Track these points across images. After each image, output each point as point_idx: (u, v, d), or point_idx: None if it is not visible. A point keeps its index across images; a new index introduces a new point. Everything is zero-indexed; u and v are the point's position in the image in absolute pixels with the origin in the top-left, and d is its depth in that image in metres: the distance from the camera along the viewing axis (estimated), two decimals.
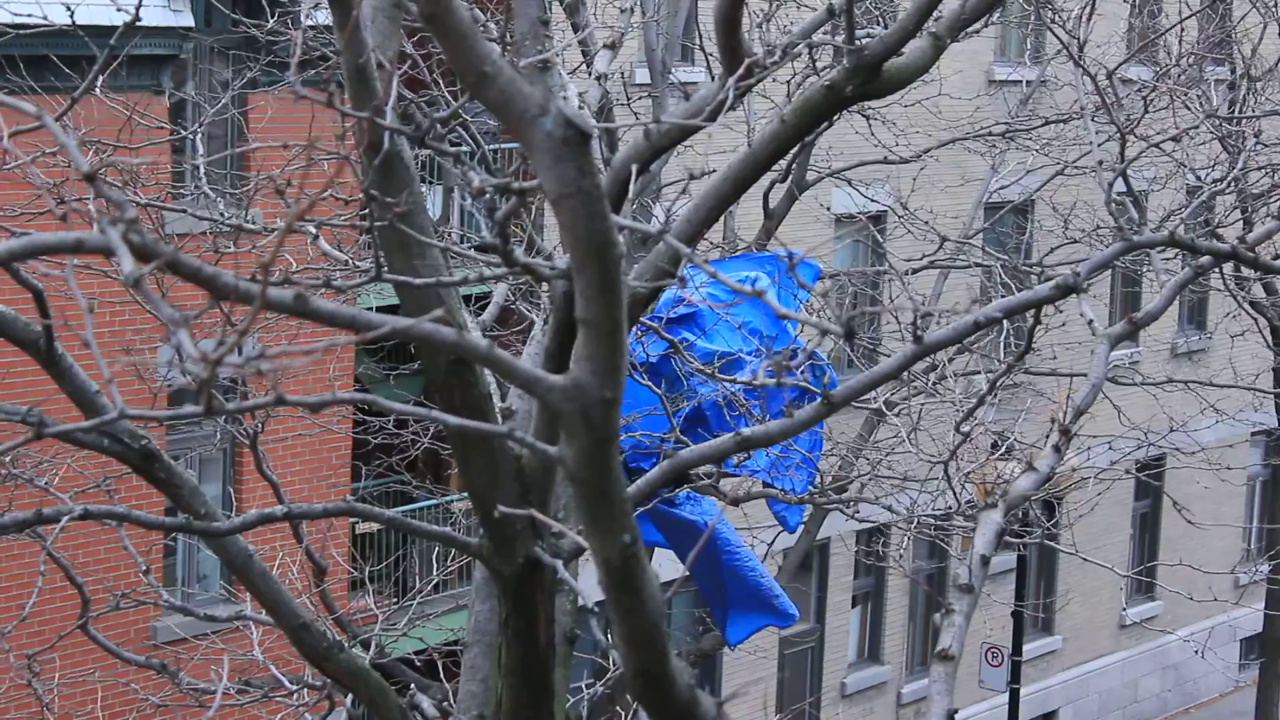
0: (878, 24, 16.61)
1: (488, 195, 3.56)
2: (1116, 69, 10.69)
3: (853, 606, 26.79)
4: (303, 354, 2.50)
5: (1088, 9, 12.74)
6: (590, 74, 11.46)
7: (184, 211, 9.55)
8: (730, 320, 11.69)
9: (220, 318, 3.09)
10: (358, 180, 5.67)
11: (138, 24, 7.94)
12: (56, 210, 2.82)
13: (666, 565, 19.41)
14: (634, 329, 10.14)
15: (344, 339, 2.96)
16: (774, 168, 8.00)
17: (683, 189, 4.75)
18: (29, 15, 11.69)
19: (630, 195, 5.62)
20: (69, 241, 2.60)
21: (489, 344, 3.19)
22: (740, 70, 5.62)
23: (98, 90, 9.20)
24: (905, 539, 19.17)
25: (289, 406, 2.88)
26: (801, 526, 14.56)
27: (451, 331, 3.01)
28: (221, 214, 10.00)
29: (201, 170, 10.06)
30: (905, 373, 8.37)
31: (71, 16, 8.94)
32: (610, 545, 3.74)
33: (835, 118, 7.19)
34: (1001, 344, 18.73)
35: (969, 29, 13.30)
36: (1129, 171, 8.84)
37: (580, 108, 7.79)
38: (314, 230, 7.33)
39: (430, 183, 20.16)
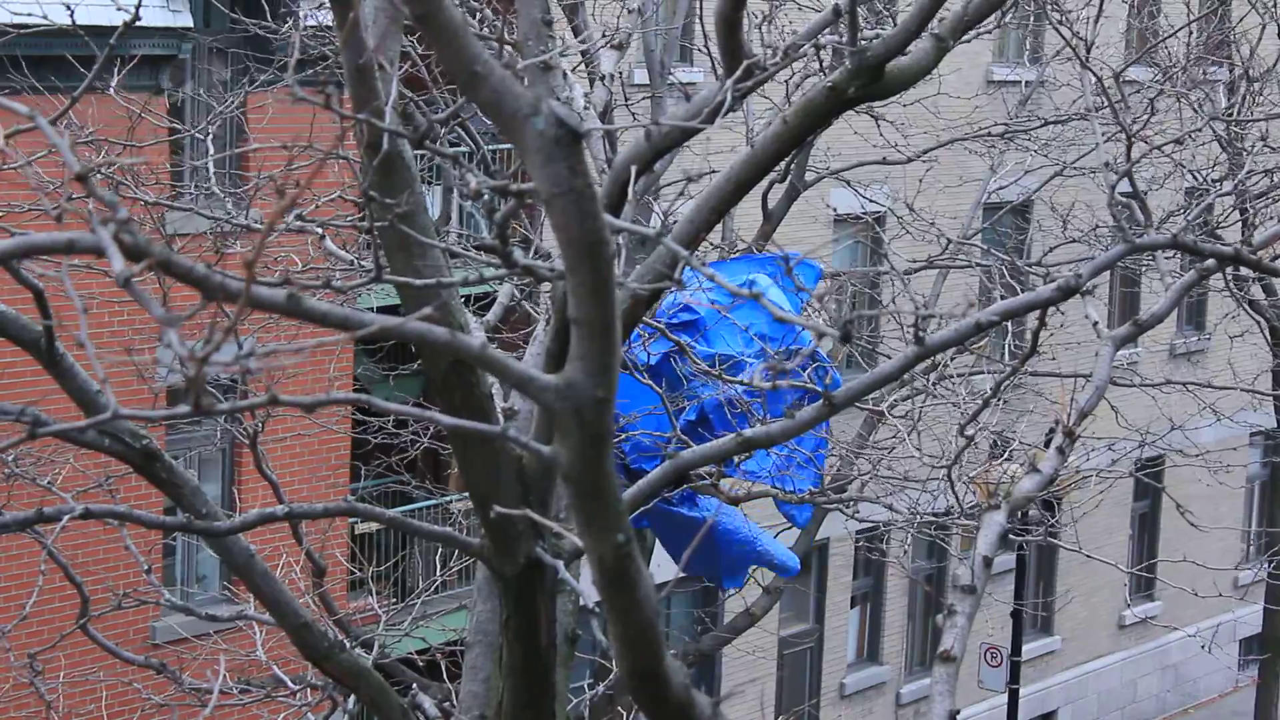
0: (885, 25, 16.60)
1: (486, 197, 3.56)
2: (1123, 70, 10.68)
3: (852, 607, 26.79)
4: (292, 352, 2.50)
5: (1097, 11, 12.74)
6: (589, 75, 11.46)
7: (191, 210, 9.56)
8: (736, 323, 11.70)
9: (213, 318, 3.11)
10: (358, 181, 5.67)
11: (137, 24, 7.93)
12: (51, 210, 2.82)
13: (665, 565, 19.40)
14: (636, 331, 10.14)
15: (334, 338, 2.97)
16: (774, 168, 8.00)
17: (680, 191, 4.75)
18: (29, 15, 11.68)
19: (630, 196, 5.62)
20: (61, 242, 2.61)
21: (482, 343, 3.20)
22: (739, 72, 5.62)
23: (111, 90, 9.20)
24: (906, 539, 19.17)
25: (287, 407, 2.88)
26: (810, 521, 14.56)
27: (444, 331, 3.01)
28: (229, 214, 10.01)
29: (210, 170, 10.07)
30: (906, 374, 8.37)
31: (71, 16, 8.94)
32: (604, 544, 3.75)
33: (835, 118, 7.19)
34: (1005, 345, 18.75)
35: (974, 31, 13.29)
36: (1132, 173, 8.83)
37: (585, 108, 7.79)
38: (320, 231, 7.34)
39: (430, 183, 20.17)
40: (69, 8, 8.92)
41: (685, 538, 12.37)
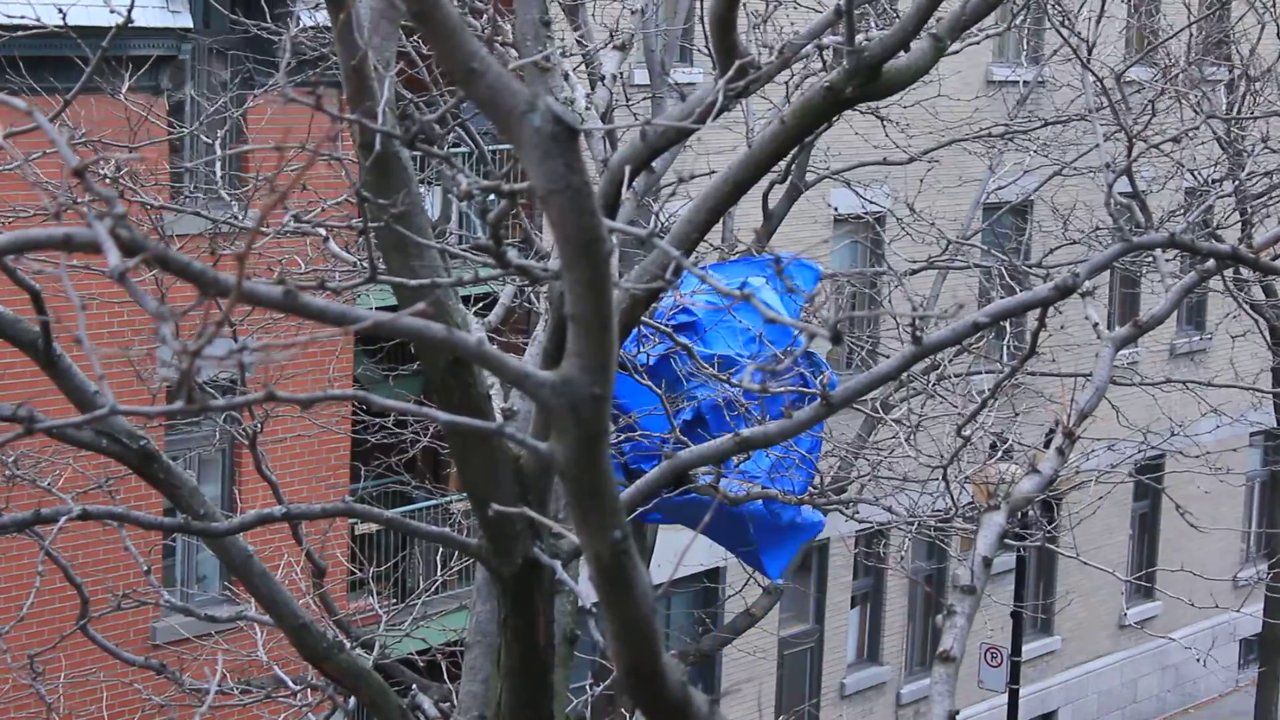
0: (890, 26, 16.57)
1: (477, 198, 3.56)
2: (1124, 71, 10.69)
3: (852, 607, 26.79)
4: (286, 347, 2.50)
5: (1098, 12, 12.75)
6: (589, 75, 11.46)
7: (190, 211, 9.58)
8: (740, 322, 11.69)
9: (210, 315, 3.12)
10: (351, 182, 5.67)
11: (136, 25, 7.94)
12: (51, 208, 2.83)
13: (665, 565, 19.40)
14: (635, 330, 10.13)
15: (330, 333, 2.97)
16: (773, 169, 7.99)
17: (672, 192, 4.76)
18: (22, 17, 11.68)
19: (625, 196, 5.62)
20: (57, 236, 2.61)
21: (479, 339, 3.20)
22: (730, 73, 5.62)
23: (121, 95, 9.19)
24: (905, 540, 19.16)
25: (284, 405, 2.88)
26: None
27: (440, 327, 3.01)
28: (232, 215, 10.01)
29: (218, 172, 10.09)
30: (904, 374, 8.36)
31: (64, 18, 8.93)
32: (600, 542, 3.75)
33: (835, 119, 7.19)
34: (1004, 346, 18.76)
35: (979, 32, 13.20)
36: (1131, 172, 8.82)
37: (587, 109, 7.79)
38: (322, 233, 7.34)
39: (430, 183, 20.16)
40: (61, 10, 8.91)
41: (697, 516, 12.38)
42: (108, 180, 9.93)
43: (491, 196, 3.75)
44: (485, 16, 9.48)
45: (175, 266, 2.69)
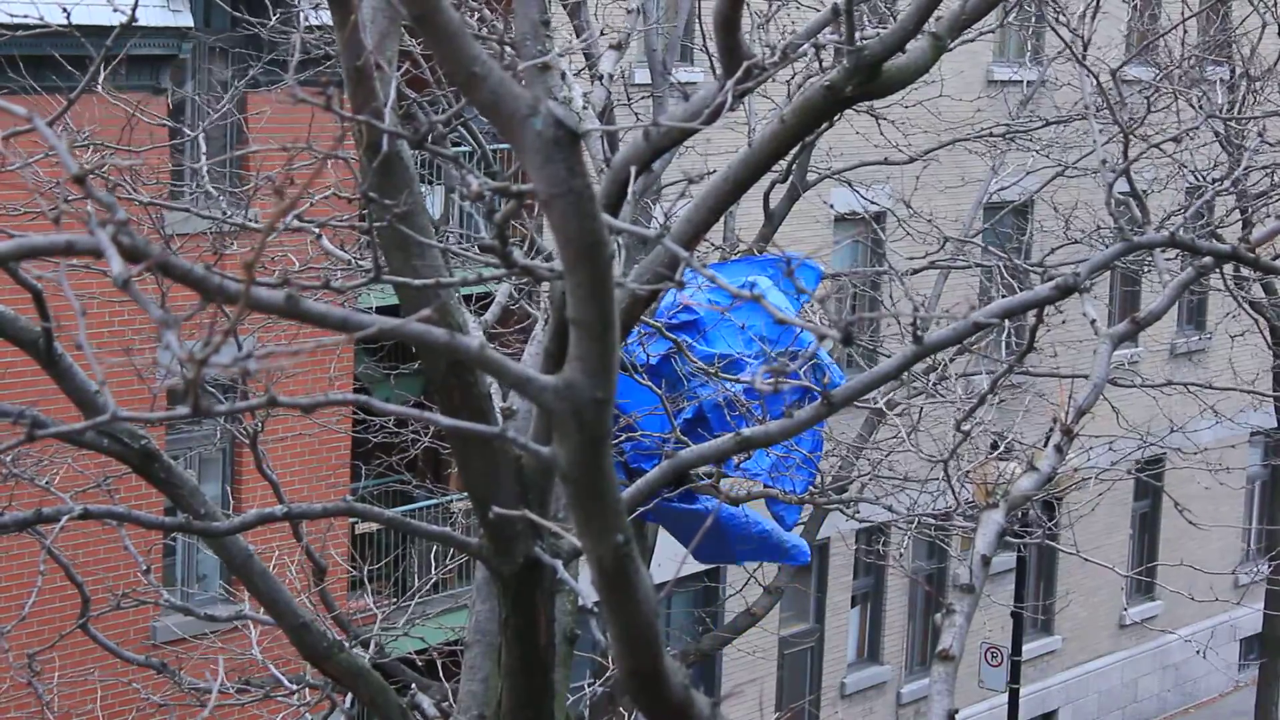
0: (887, 24, 16.58)
1: (486, 198, 3.56)
2: (1120, 68, 10.68)
3: (852, 606, 26.79)
4: (290, 354, 2.50)
5: (1092, 7, 12.75)
6: (591, 75, 11.46)
7: (188, 210, 9.56)
8: (736, 321, 11.69)
9: (212, 319, 3.11)
10: (356, 181, 5.67)
11: (137, 24, 7.94)
12: (49, 212, 2.82)
13: (665, 566, 19.40)
14: (635, 330, 10.13)
15: (334, 339, 2.97)
16: (774, 168, 7.98)
17: (680, 193, 4.75)
18: (25, 16, 11.67)
19: (628, 196, 5.61)
20: (60, 243, 2.61)
21: (480, 344, 3.20)
22: (739, 74, 5.62)
23: (98, 87, 9.18)
24: (905, 539, 19.17)
25: (286, 408, 2.88)
26: (799, 524, 14.58)
27: (443, 332, 3.01)
28: (225, 213, 10.00)
29: (204, 170, 10.07)
30: (905, 373, 8.35)
31: (68, 17, 8.93)
32: (603, 545, 3.75)
33: (836, 118, 7.18)
34: (1003, 344, 18.76)
35: (974, 31, 13.20)
36: (1131, 172, 8.82)
37: (584, 108, 7.80)
38: (317, 230, 7.34)
39: (431, 183, 20.17)
40: (65, 9, 8.91)
41: (691, 529, 12.39)
42: (103, 180, 9.92)
43: (496, 197, 3.75)
44: (477, 16, 9.47)
45: (178, 273, 2.68)
